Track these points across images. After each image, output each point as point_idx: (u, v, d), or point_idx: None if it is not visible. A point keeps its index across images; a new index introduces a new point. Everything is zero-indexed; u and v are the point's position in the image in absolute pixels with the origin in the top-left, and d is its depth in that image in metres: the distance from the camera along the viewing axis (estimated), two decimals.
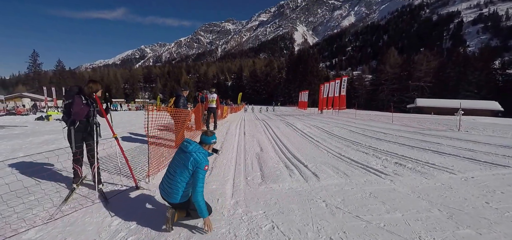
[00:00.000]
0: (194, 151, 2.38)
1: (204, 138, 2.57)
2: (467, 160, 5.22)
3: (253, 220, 2.59)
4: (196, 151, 2.39)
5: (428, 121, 17.81)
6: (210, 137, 2.58)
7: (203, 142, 2.56)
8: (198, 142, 2.56)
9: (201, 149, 2.45)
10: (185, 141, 2.52)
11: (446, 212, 2.74)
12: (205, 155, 2.44)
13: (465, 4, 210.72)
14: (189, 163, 2.33)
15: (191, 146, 2.41)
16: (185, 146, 2.44)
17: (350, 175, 4.16)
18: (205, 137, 2.57)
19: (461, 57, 63.80)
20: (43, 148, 6.37)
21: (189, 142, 2.48)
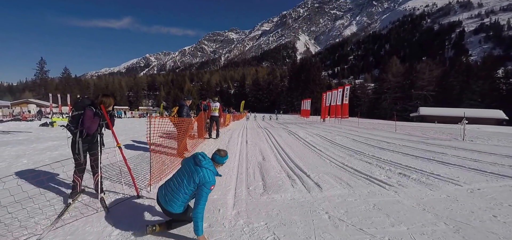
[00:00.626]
0: (206, 166, 2.35)
1: (217, 158, 2.51)
2: (473, 170, 5.14)
3: (255, 232, 2.55)
4: (208, 168, 2.36)
5: (431, 129, 17.67)
6: (223, 157, 2.52)
7: (215, 161, 2.51)
8: (210, 158, 2.51)
9: (212, 167, 2.42)
10: (200, 154, 2.46)
11: (452, 225, 2.67)
12: (214, 174, 2.42)
13: (466, 14, 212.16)
14: (197, 177, 2.30)
15: (205, 161, 2.38)
16: (199, 160, 2.40)
17: (353, 185, 4.10)
18: (219, 157, 2.51)
19: (464, 66, 63.80)
20: (46, 154, 6.40)
21: (203, 156, 2.44)
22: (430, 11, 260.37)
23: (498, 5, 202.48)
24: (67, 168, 3.57)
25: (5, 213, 2.85)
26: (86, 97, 3.53)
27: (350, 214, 2.99)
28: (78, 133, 3.26)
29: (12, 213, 2.86)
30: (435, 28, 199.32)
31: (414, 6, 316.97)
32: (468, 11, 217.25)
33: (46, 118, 21.98)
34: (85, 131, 3.21)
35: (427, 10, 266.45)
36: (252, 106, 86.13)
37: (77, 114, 3.25)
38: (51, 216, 2.91)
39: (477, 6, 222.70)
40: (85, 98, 3.41)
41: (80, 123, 3.25)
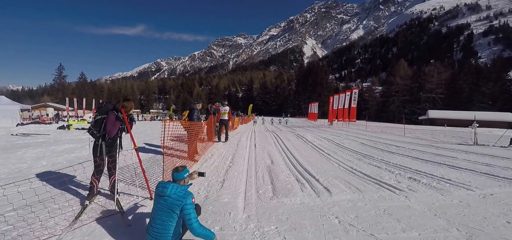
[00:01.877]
0: (172, 193, 2.29)
1: (176, 176, 2.45)
2: (485, 175, 5.06)
3: (265, 236, 2.59)
4: (175, 192, 2.30)
5: (441, 133, 17.37)
6: (181, 172, 2.46)
7: (176, 179, 2.44)
8: (173, 181, 2.46)
9: (179, 187, 2.35)
10: (160, 185, 2.40)
11: (465, 231, 2.66)
12: (185, 190, 2.36)
13: (474, 16, 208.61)
14: (174, 207, 2.24)
15: (168, 190, 2.31)
16: (161, 191, 2.33)
17: (363, 190, 4.10)
18: (176, 174, 2.45)
19: (473, 68, 62.58)
20: (64, 156, 6.62)
21: (164, 186, 2.36)
22: (438, 14, 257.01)
23: (507, 7, 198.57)
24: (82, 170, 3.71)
25: (29, 212, 2.98)
26: (109, 101, 3.67)
27: (361, 219, 3.00)
28: (100, 136, 3.39)
29: (34, 212, 2.99)
30: (443, 31, 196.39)
31: (421, 9, 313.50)
32: (476, 14, 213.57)
33: (63, 122, 22.62)
34: (107, 134, 3.34)
35: (434, 13, 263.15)
36: (259, 109, 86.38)
37: (100, 118, 3.38)
38: (69, 216, 3.03)
39: (485, 8, 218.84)
40: (107, 103, 3.54)
41: (102, 126, 3.38)
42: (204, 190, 4.11)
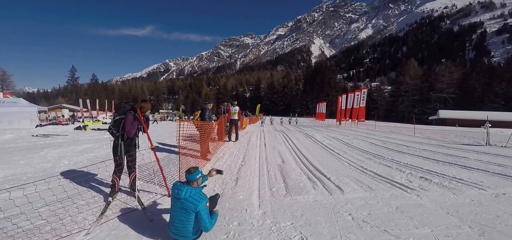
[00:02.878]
0: (187, 196, 2.42)
1: (189, 177, 2.56)
2: (497, 175, 5.04)
3: (282, 231, 2.72)
4: (190, 196, 2.42)
5: (452, 133, 17.08)
6: (193, 174, 2.57)
7: (190, 181, 2.56)
8: (186, 182, 2.60)
9: (193, 191, 2.46)
10: (175, 187, 2.54)
11: (477, 229, 2.72)
12: (199, 193, 2.48)
13: (488, 14, 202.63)
14: (189, 209, 2.38)
15: (182, 193, 2.43)
16: (177, 194, 2.46)
17: (375, 188, 4.18)
18: (189, 175, 2.56)
19: (486, 67, 60.85)
20: (83, 156, 6.93)
21: (179, 189, 2.48)
22: (449, 12, 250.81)
23: None
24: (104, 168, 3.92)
25: (59, 207, 3.21)
26: (127, 102, 3.87)
27: (373, 216, 3.09)
28: (120, 136, 3.59)
29: (64, 207, 3.22)
30: (454, 30, 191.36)
31: (432, 8, 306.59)
32: (490, 12, 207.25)
33: (78, 122, 23.37)
34: (126, 134, 3.54)
35: (446, 12, 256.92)
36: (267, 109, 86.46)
37: (119, 118, 3.58)
38: (96, 211, 3.24)
39: (500, 6, 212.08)
40: (126, 104, 3.74)
41: (121, 126, 3.58)
42: (219, 188, 4.27)
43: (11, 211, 3.03)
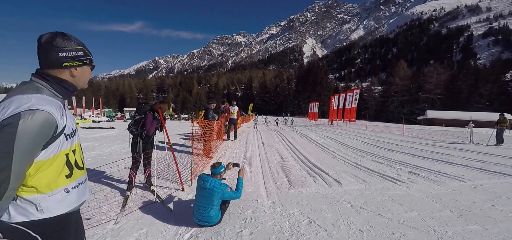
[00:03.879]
0: (212, 186, 2.81)
1: (214, 171, 3.01)
2: (477, 170, 5.60)
3: (292, 216, 3.11)
4: (214, 186, 2.81)
5: (439, 133, 17.93)
6: (218, 168, 3.02)
7: (214, 174, 3.00)
8: (211, 174, 3.01)
9: (216, 182, 2.85)
10: (201, 178, 2.93)
11: (456, 212, 3.19)
12: (220, 182, 2.88)
13: (474, 18, 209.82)
14: (214, 198, 2.78)
15: (208, 183, 2.82)
16: (202, 184, 2.85)
17: (369, 181, 4.63)
18: (214, 170, 3.01)
19: (472, 69, 63.33)
20: (86, 154, 7.10)
21: (205, 180, 2.87)
22: (438, 15, 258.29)
23: (507, 9, 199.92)
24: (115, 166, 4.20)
25: (92, 198, 3.49)
26: (146, 103, 4.17)
27: (369, 203, 3.53)
28: (138, 134, 3.89)
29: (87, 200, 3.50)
30: (443, 32, 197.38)
31: (422, 11, 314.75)
32: (476, 15, 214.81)
33: None
34: (145, 132, 3.85)
35: (435, 15, 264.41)
36: (259, 109, 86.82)
37: (139, 118, 3.89)
38: (118, 204, 3.54)
39: (485, 10, 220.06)
40: (146, 105, 4.05)
41: (140, 125, 3.89)
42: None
43: None
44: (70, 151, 1.12)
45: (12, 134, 0.89)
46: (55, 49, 1.07)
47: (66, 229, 1.13)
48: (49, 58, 1.07)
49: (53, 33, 1.09)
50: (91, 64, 1.22)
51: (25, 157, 0.93)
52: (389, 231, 2.69)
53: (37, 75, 1.08)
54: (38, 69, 1.10)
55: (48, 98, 1.03)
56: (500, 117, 11.13)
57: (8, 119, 0.90)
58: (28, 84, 1.05)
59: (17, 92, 0.99)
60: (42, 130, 0.96)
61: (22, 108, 0.92)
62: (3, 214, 0.96)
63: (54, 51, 1.07)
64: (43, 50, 1.07)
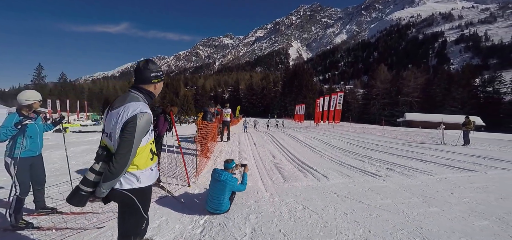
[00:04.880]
0: (225, 179, 3.31)
1: (227, 166, 3.60)
2: (444, 166, 6.46)
3: (289, 204, 3.67)
4: (227, 179, 3.32)
5: (415, 134, 19.31)
6: (230, 163, 3.63)
7: (227, 168, 3.57)
8: (224, 168, 3.58)
9: (229, 175, 3.38)
10: (215, 172, 3.45)
11: (422, 199, 3.90)
12: (232, 176, 3.41)
13: (447, 25, 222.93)
14: (226, 189, 3.29)
15: (222, 176, 3.33)
16: (218, 176, 3.36)
17: (352, 176, 5.30)
18: (227, 164, 3.61)
19: (446, 74, 67.39)
20: (87, 157, 7.32)
21: (219, 173, 3.39)
22: (415, 21, 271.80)
23: (476, 18, 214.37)
24: None
25: None
26: (158, 106, 4.59)
27: (352, 193, 4.16)
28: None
29: None
30: (419, 38, 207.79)
31: (400, 17, 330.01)
32: (449, 23, 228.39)
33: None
34: (157, 132, 4.27)
35: (412, 21, 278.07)
36: (246, 111, 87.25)
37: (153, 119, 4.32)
38: None
39: (457, 18, 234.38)
40: (158, 108, 4.48)
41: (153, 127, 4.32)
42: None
43: None
44: (151, 141, 1.64)
45: (133, 128, 1.41)
46: (147, 71, 1.60)
47: (148, 196, 1.66)
48: (144, 77, 1.59)
49: (146, 60, 1.63)
50: (163, 80, 1.74)
51: (138, 143, 1.45)
52: (368, 213, 3.32)
53: (134, 89, 1.60)
54: (133, 85, 1.61)
55: (145, 104, 1.55)
56: (466, 119, 12.37)
57: (130, 118, 1.42)
58: (131, 94, 1.57)
59: (129, 101, 1.51)
60: (146, 125, 1.49)
61: (136, 111, 1.44)
62: (117, 183, 1.46)
63: (147, 72, 1.59)
64: (140, 72, 1.59)
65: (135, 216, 1.58)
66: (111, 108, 1.56)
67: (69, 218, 3.25)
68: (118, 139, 1.44)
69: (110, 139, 1.50)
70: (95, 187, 1.48)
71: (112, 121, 1.48)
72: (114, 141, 1.47)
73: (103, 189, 1.45)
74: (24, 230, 2.91)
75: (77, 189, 1.48)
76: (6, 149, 2.96)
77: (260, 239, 2.63)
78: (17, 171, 2.88)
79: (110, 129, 1.49)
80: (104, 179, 1.43)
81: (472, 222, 3.04)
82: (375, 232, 2.74)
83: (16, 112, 2.99)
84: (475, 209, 3.47)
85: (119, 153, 1.41)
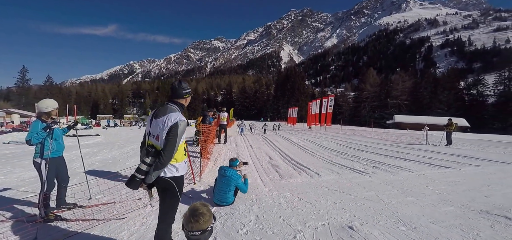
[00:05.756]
0: (231, 175, 3.79)
1: (232, 163, 4.13)
2: (424, 164, 7.12)
3: (286, 197, 4.16)
4: (233, 175, 3.80)
5: (403, 135, 20.22)
6: (235, 161, 4.17)
7: (232, 166, 4.08)
8: (229, 166, 4.07)
9: (234, 171, 3.88)
10: (222, 169, 3.93)
11: (401, 190, 4.47)
12: (236, 173, 3.91)
13: (433, 30, 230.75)
14: (231, 184, 3.75)
15: (228, 172, 3.81)
16: (224, 172, 3.83)
17: (341, 173, 5.86)
18: (233, 162, 4.14)
19: (432, 77, 69.95)
20: (91, 159, 7.61)
21: (225, 170, 3.87)
22: (402, 27, 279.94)
23: (460, 24, 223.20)
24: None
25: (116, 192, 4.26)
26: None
27: (341, 187, 4.70)
28: None
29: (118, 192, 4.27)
30: (407, 42, 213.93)
31: (388, 22, 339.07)
32: (435, 28, 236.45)
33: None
34: None
35: (399, 26, 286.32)
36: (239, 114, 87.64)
37: None
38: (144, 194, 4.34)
39: (442, 23, 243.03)
40: None
41: None
42: None
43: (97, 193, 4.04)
44: (184, 141, 2.11)
45: (176, 131, 1.89)
46: (181, 89, 2.09)
47: (182, 183, 2.13)
48: (178, 93, 2.08)
49: (179, 81, 2.14)
50: (191, 94, 2.23)
51: (179, 142, 1.93)
52: (354, 203, 3.85)
53: (171, 102, 2.08)
54: (170, 99, 2.10)
55: (181, 113, 2.02)
56: (448, 121, 13.25)
57: (173, 124, 1.90)
58: (170, 106, 2.05)
59: (169, 111, 1.99)
60: (184, 129, 1.98)
61: (177, 119, 1.92)
62: (162, 172, 1.93)
63: (181, 90, 2.08)
64: (176, 90, 2.08)
65: (173, 197, 2.06)
66: (156, 117, 2.03)
67: (89, 211, 3.65)
68: (164, 140, 1.91)
69: (157, 139, 1.97)
70: (146, 175, 1.93)
71: (159, 127, 1.96)
72: (161, 141, 1.93)
73: (153, 176, 1.92)
74: (53, 222, 3.29)
75: (133, 176, 1.94)
76: (35, 151, 3.35)
77: (263, 224, 3.11)
78: (47, 170, 3.27)
79: (157, 132, 1.96)
80: (155, 168, 1.90)
81: (439, 208, 3.61)
82: (359, 216, 3.27)
83: (38, 119, 3.39)
84: (444, 198, 4.06)
85: (166, 149, 1.88)
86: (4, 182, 5.15)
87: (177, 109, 2.05)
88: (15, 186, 4.86)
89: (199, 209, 1.44)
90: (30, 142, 3.18)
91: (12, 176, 5.63)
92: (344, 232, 2.83)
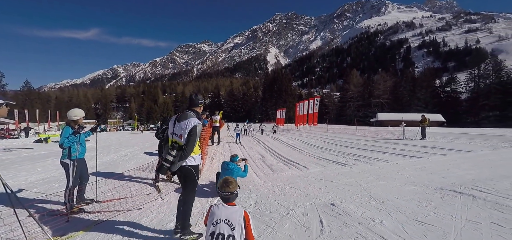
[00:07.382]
0: (233, 168, 4.53)
1: (233, 159, 4.88)
2: (399, 155, 8.03)
3: (279, 186, 4.82)
4: (234, 168, 4.54)
5: (384, 132, 21.51)
6: (235, 157, 4.95)
7: (233, 161, 4.82)
8: (230, 161, 4.81)
9: (235, 165, 4.63)
10: (225, 163, 4.72)
11: (376, 177, 5.26)
12: (237, 166, 4.66)
13: (410, 32, 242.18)
14: (234, 175, 4.40)
15: (230, 165, 4.58)
16: (227, 166, 4.59)
17: (327, 166, 6.61)
18: (233, 158, 4.91)
19: (410, 77, 73.52)
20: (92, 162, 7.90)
21: (228, 163, 4.67)
22: (382, 29, 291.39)
23: (434, 26, 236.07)
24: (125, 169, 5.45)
25: (128, 187, 4.75)
26: (169, 116, 5.54)
27: (326, 177, 5.43)
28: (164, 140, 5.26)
29: (129, 188, 4.77)
30: (387, 44, 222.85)
31: (369, 25, 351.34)
32: (412, 30, 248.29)
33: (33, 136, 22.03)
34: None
35: (379, 28, 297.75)
36: (228, 116, 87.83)
37: (165, 127, 5.26)
38: (152, 190, 4.86)
39: (419, 26, 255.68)
40: (169, 118, 5.43)
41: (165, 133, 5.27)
42: None
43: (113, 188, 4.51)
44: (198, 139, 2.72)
45: (195, 131, 2.51)
46: (197, 100, 2.71)
47: (198, 170, 2.74)
48: (194, 103, 2.69)
49: (196, 93, 2.75)
50: (205, 103, 2.85)
51: (197, 139, 2.53)
52: (336, 188, 4.57)
53: (189, 110, 2.67)
54: (188, 107, 2.70)
55: (197, 119, 2.63)
56: (422, 117, 14.47)
57: (194, 126, 2.50)
58: (189, 113, 2.64)
59: (189, 117, 2.58)
60: (201, 129, 2.58)
61: (196, 122, 2.53)
62: (184, 162, 2.52)
63: (197, 100, 2.69)
64: (193, 100, 2.69)
65: (193, 182, 2.66)
66: (178, 121, 2.65)
67: (106, 205, 4.13)
68: (186, 138, 2.52)
69: (180, 138, 2.56)
70: (171, 164, 2.52)
71: (182, 128, 2.57)
72: (183, 138, 2.54)
73: (177, 164, 2.51)
74: (78, 214, 3.77)
75: (162, 165, 2.53)
76: (64, 153, 3.83)
77: (262, 207, 3.74)
78: (74, 169, 3.76)
79: (181, 132, 2.57)
80: (179, 159, 2.49)
81: (405, 188, 4.40)
82: (339, 197, 3.98)
83: (68, 126, 3.87)
84: (409, 180, 4.87)
85: (188, 145, 2.49)
86: (14, 184, 5.46)
87: (194, 115, 2.66)
88: (27, 188, 5.22)
89: (229, 179, 2.06)
90: (63, 145, 3.67)
91: (20, 179, 5.95)
92: (327, 208, 3.52)
